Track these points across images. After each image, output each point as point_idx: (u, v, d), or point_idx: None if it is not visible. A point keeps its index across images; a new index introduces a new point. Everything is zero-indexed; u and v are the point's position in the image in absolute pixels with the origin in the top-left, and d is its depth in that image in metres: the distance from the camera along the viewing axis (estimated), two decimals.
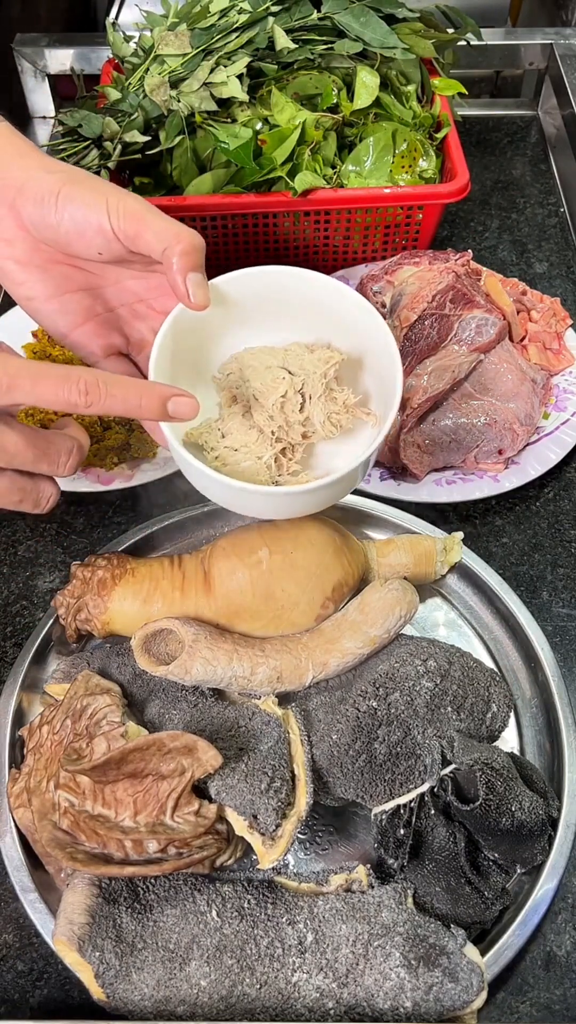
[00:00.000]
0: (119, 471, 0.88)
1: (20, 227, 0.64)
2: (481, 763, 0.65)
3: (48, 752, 0.68)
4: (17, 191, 0.63)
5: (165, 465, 0.88)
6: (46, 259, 0.66)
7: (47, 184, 0.63)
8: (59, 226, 0.63)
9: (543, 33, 1.29)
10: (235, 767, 0.64)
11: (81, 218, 0.62)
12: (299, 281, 0.70)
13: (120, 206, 0.62)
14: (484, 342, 0.88)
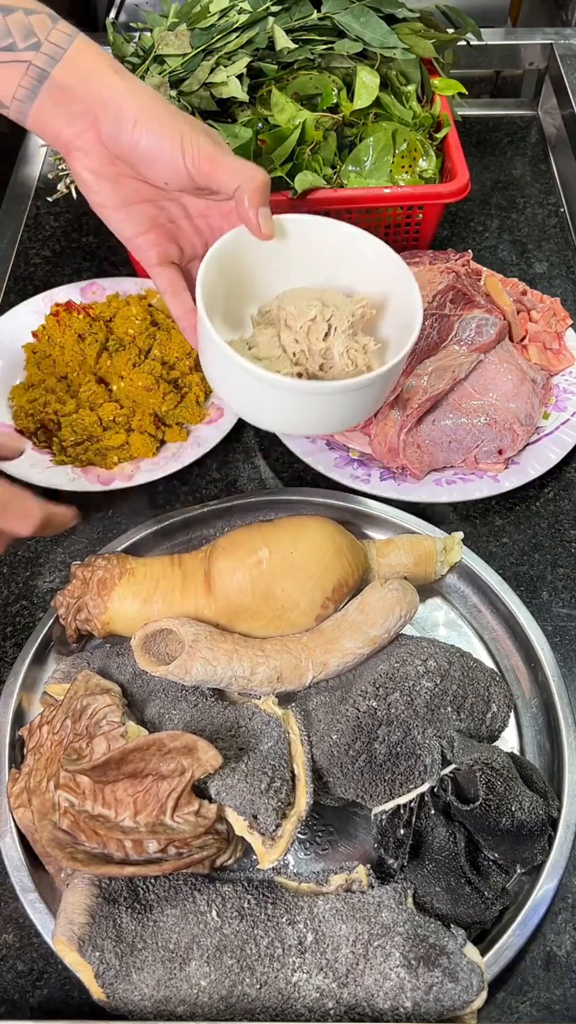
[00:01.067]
0: (119, 471, 0.88)
1: (98, 141, 0.68)
2: (481, 763, 0.65)
3: (48, 752, 0.68)
4: (101, 108, 0.67)
5: (165, 465, 0.88)
6: (118, 172, 0.70)
7: (127, 109, 0.66)
8: (132, 152, 0.68)
9: (543, 33, 1.29)
10: (235, 767, 0.64)
11: (155, 148, 0.67)
12: (334, 229, 0.75)
13: (195, 146, 0.67)
14: (484, 342, 0.88)
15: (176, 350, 0.94)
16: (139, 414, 0.90)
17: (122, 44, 1.03)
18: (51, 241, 1.13)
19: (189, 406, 0.92)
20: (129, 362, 0.93)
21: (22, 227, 1.15)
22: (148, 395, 0.90)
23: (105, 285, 1.02)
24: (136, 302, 0.98)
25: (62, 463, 0.88)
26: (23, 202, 1.18)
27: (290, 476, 0.92)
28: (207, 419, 0.92)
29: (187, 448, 0.90)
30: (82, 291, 1.01)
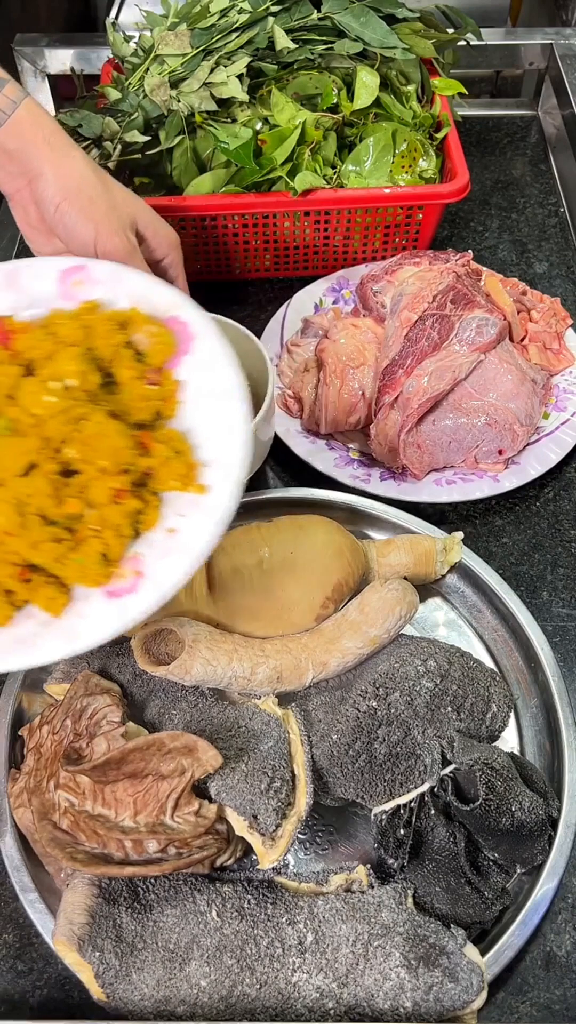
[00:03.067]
0: None
1: (32, 203, 0.72)
2: (481, 763, 0.65)
3: (48, 752, 0.68)
4: (33, 178, 0.71)
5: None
6: (49, 231, 0.74)
7: (50, 192, 0.70)
8: (55, 228, 0.72)
9: (543, 33, 1.29)
10: (235, 767, 0.64)
11: (72, 234, 0.71)
12: None
13: (107, 243, 0.70)
14: (484, 342, 0.88)
15: (107, 457, 0.56)
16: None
17: (122, 44, 1.03)
18: None
19: (84, 560, 0.55)
20: (21, 459, 0.55)
21: None
22: (8, 539, 0.54)
23: (99, 276, 0.67)
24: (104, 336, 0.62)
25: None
26: None
27: (290, 476, 0.92)
28: (111, 586, 0.56)
29: (52, 632, 0.55)
30: (61, 276, 0.67)
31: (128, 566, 0.56)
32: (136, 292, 0.64)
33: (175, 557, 0.55)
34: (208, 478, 0.57)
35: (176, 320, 0.63)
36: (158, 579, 0.55)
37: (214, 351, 0.61)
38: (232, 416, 0.59)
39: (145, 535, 0.57)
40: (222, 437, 0.58)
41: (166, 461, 0.57)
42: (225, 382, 0.60)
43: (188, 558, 0.55)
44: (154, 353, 0.61)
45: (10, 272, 0.66)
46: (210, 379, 0.61)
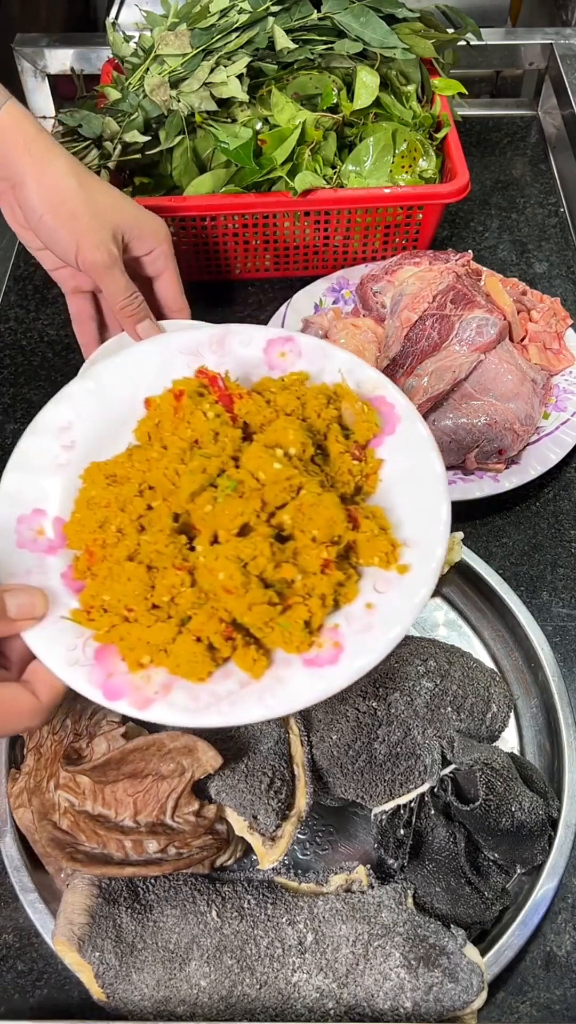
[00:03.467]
0: (140, 680, 0.66)
1: (18, 205, 0.76)
2: (481, 763, 0.65)
3: (48, 752, 0.68)
4: (16, 183, 0.72)
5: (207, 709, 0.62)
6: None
7: (33, 202, 0.73)
8: (38, 234, 0.76)
9: (543, 33, 1.29)
10: (235, 767, 0.64)
11: (54, 244, 0.75)
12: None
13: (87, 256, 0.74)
14: (485, 342, 0.88)
15: (320, 528, 0.57)
16: (207, 610, 0.55)
17: (122, 44, 1.03)
18: None
19: (290, 626, 0.55)
20: (237, 520, 0.56)
21: None
22: (227, 597, 0.55)
23: (305, 349, 0.66)
24: (316, 409, 0.63)
25: (79, 623, 0.57)
26: None
27: None
28: (311, 655, 0.56)
29: (249, 695, 0.55)
30: (268, 345, 0.66)
31: (327, 636, 0.56)
32: (343, 368, 0.65)
33: (374, 634, 0.55)
34: (408, 558, 0.58)
35: (383, 400, 0.64)
36: (356, 653, 0.55)
37: (419, 435, 0.62)
38: (434, 499, 0.60)
39: (344, 608, 0.57)
40: (423, 519, 0.59)
41: (371, 537, 0.58)
42: (428, 465, 0.61)
43: (386, 637, 0.55)
44: (360, 430, 0.62)
45: (220, 336, 0.66)
46: (412, 461, 0.62)
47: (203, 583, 0.56)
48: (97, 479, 0.60)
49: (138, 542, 0.57)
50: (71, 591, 0.57)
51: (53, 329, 1.04)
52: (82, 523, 0.59)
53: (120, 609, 0.56)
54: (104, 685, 0.54)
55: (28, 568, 0.58)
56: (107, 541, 0.57)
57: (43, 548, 0.59)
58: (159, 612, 0.56)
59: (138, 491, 0.59)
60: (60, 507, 0.60)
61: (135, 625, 0.55)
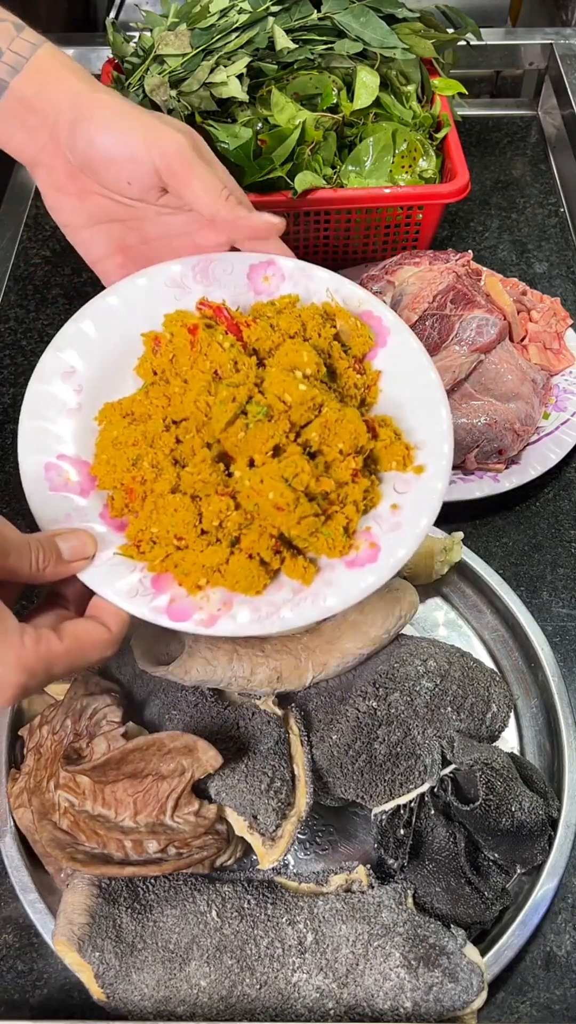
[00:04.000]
0: (201, 601, 0.69)
1: (60, 154, 0.65)
2: (481, 763, 0.65)
3: (48, 752, 0.68)
4: (56, 115, 0.63)
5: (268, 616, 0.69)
6: (83, 188, 0.66)
7: (84, 108, 0.62)
8: (89, 151, 0.63)
9: (543, 33, 1.29)
10: (235, 767, 0.64)
11: (114, 143, 0.62)
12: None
13: (162, 142, 0.61)
14: (485, 342, 0.88)
15: (346, 441, 0.61)
16: (256, 529, 0.59)
17: (122, 44, 1.03)
18: (51, 241, 1.13)
19: (332, 534, 0.60)
20: (269, 442, 0.60)
21: (22, 227, 1.15)
22: (277, 514, 0.59)
23: (287, 271, 0.68)
24: (315, 329, 0.66)
25: (130, 557, 0.60)
26: (23, 202, 1.18)
27: None
28: (350, 557, 0.60)
29: (304, 599, 0.59)
30: (251, 270, 0.68)
31: (362, 539, 0.61)
32: (331, 287, 0.68)
33: (404, 531, 0.60)
34: (420, 458, 0.63)
35: (370, 315, 0.68)
36: (392, 549, 0.60)
37: (410, 345, 0.66)
38: (433, 401, 0.64)
39: (371, 511, 0.62)
40: (426, 421, 0.64)
41: (388, 444, 0.63)
42: (423, 371, 0.65)
43: (415, 531, 0.60)
44: (356, 345, 0.66)
45: (203, 266, 0.67)
46: (407, 369, 0.66)
47: (246, 504, 0.59)
48: (115, 419, 0.62)
49: (177, 474, 0.60)
50: (112, 529, 0.60)
51: (53, 329, 1.03)
52: (112, 463, 0.61)
53: (170, 539, 0.59)
54: (168, 610, 0.57)
55: (67, 512, 0.60)
56: (145, 477, 0.60)
57: (75, 491, 0.61)
58: (208, 536, 0.59)
59: (164, 427, 0.62)
60: (79, 450, 0.62)
61: (188, 551, 0.59)
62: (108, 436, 0.62)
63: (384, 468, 0.63)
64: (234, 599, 0.59)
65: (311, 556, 0.61)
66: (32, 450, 0.61)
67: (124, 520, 0.61)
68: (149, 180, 0.63)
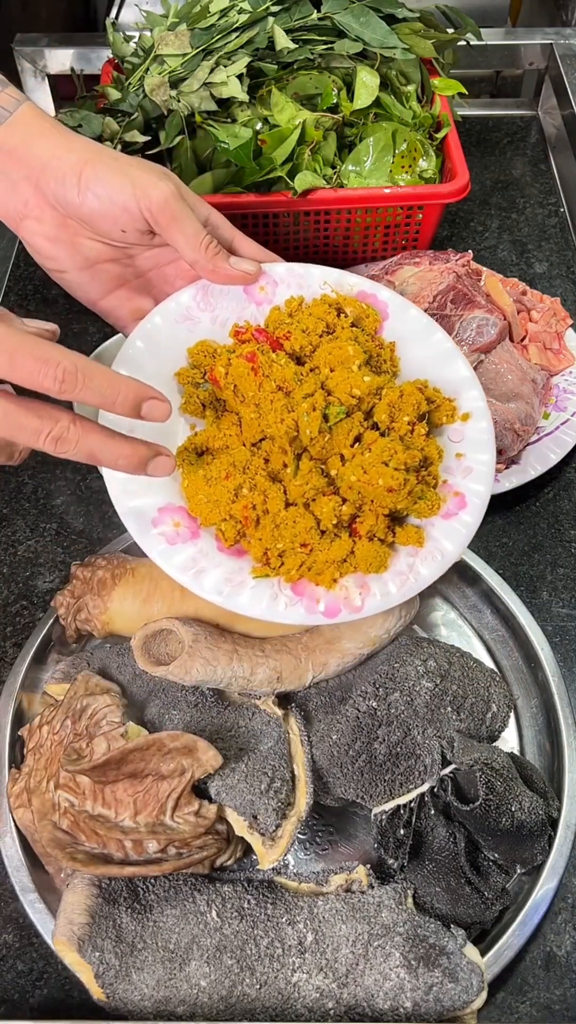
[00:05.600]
0: (342, 592, 0.68)
1: (47, 205, 0.66)
2: (481, 763, 0.65)
3: (48, 752, 0.68)
4: (41, 170, 0.64)
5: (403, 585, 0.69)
6: (74, 234, 0.67)
7: (69, 163, 0.64)
8: (82, 207, 0.65)
9: (543, 33, 1.29)
10: (235, 767, 0.64)
11: (105, 197, 0.64)
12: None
13: (149, 195, 0.64)
14: (485, 342, 0.88)
15: (411, 412, 0.67)
16: (369, 514, 0.65)
17: (122, 44, 1.03)
18: None
19: (429, 495, 0.66)
20: (351, 434, 0.65)
21: None
22: (389, 496, 0.63)
23: (279, 277, 0.72)
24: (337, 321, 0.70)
25: (266, 576, 0.64)
26: None
27: None
28: (443, 510, 0.66)
29: (425, 558, 0.64)
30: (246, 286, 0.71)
31: (445, 491, 0.67)
32: (329, 280, 0.73)
33: (475, 471, 0.67)
34: (463, 408, 0.70)
35: (365, 295, 0.73)
36: (474, 492, 0.66)
37: (412, 314, 0.72)
38: (449, 357, 0.71)
39: (441, 465, 0.68)
40: (450, 376, 0.70)
41: (439, 404, 0.69)
42: (432, 334, 0.72)
43: (484, 469, 0.67)
44: (368, 325, 0.72)
45: (201, 293, 0.70)
46: (417, 335, 0.72)
47: (351, 496, 0.64)
48: (193, 459, 0.66)
49: (283, 490, 0.64)
50: (233, 557, 0.64)
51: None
52: (212, 500, 0.64)
53: (296, 548, 0.63)
54: (322, 612, 0.63)
55: (192, 556, 0.63)
56: (254, 502, 0.63)
57: (187, 538, 0.64)
58: (328, 535, 0.64)
59: (250, 452, 0.65)
60: (169, 498, 0.65)
61: (316, 553, 0.63)
62: (195, 476, 0.65)
63: (437, 425, 0.70)
64: (368, 580, 0.64)
65: (413, 522, 0.66)
66: (136, 518, 0.63)
67: (239, 546, 0.65)
68: (142, 226, 0.66)
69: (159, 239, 0.67)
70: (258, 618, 0.62)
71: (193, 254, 0.66)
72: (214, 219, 0.69)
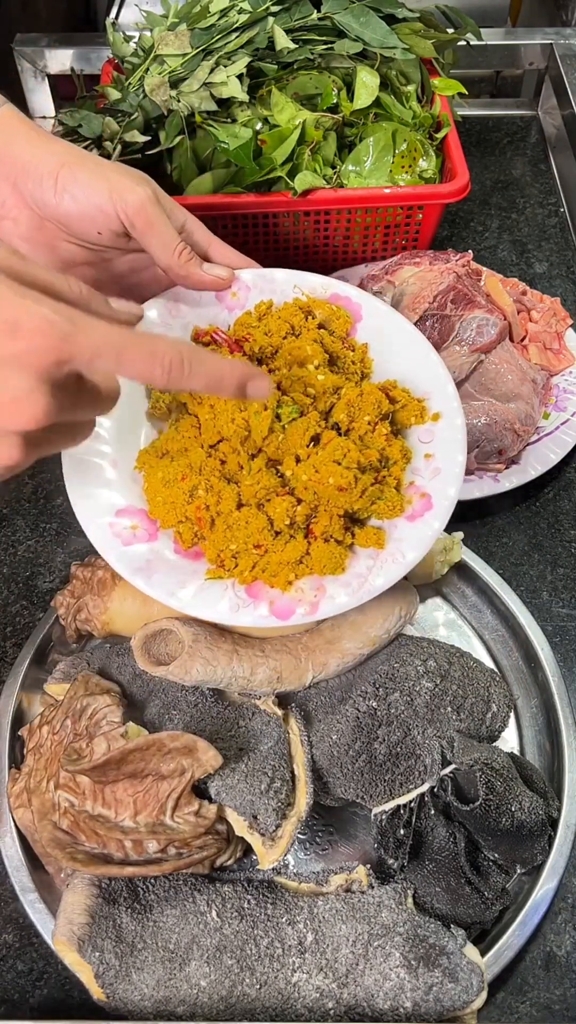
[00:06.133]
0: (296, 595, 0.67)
1: (24, 206, 0.66)
2: (481, 763, 0.65)
3: (48, 752, 0.68)
4: (19, 171, 0.65)
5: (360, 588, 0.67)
6: (51, 236, 0.68)
7: (47, 164, 0.65)
8: (59, 208, 0.65)
9: (543, 33, 1.29)
10: (235, 767, 0.64)
11: (82, 199, 0.65)
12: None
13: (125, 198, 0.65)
14: (485, 342, 0.88)
15: (371, 412, 0.66)
16: (323, 515, 0.64)
17: (122, 44, 1.03)
18: None
19: (389, 496, 0.65)
20: (306, 434, 0.64)
21: None
22: (341, 495, 0.63)
23: (249, 282, 0.73)
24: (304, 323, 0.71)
25: (219, 578, 0.63)
26: None
27: None
28: (408, 512, 0.65)
29: (384, 561, 0.63)
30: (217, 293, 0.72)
31: (412, 492, 0.65)
32: (297, 283, 0.73)
33: (444, 472, 0.65)
34: (433, 407, 0.68)
35: (337, 297, 0.73)
36: (442, 493, 0.65)
37: (382, 310, 0.72)
38: (422, 353, 0.70)
39: (408, 467, 0.67)
40: (424, 373, 0.69)
41: (404, 404, 0.68)
42: (404, 330, 0.71)
43: (454, 469, 0.65)
44: (338, 327, 0.71)
45: (170, 304, 0.71)
46: (388, 332, 0.71)
47: (306, 496, 0.63)
48: (153, 462, 0.66)
49: (236, 491, 0.63)
50: (189, 559, 0.63)
51: None
52: (168, 502, 0.64)
53: (251, 549, 0.62)
54: (273, 612, 0.61)
55: (147, 559, 0.62)
56: (207, 503, 0.63)
57: (144, 540, 0.63)
58: (283, 536, 0.63)
59: (206, 453, 0.65)
60: (130, 500, 0.65)
61: (271, 554, 0.62)
62: (154, 479, 0.65)
63: (405, 426, 0.68)
64: (324, 583, 0.62)
65: (375, 523, 0.65)
66: (92, 516, 0.63)
67: (197, 548, 0.64)
68: (118, 228, 0.66)
69: (135, 243, 0.68)
70: (211, 620, 0.62)
71: (167, 259, 0.67)
72: (190, 225, 0.69)
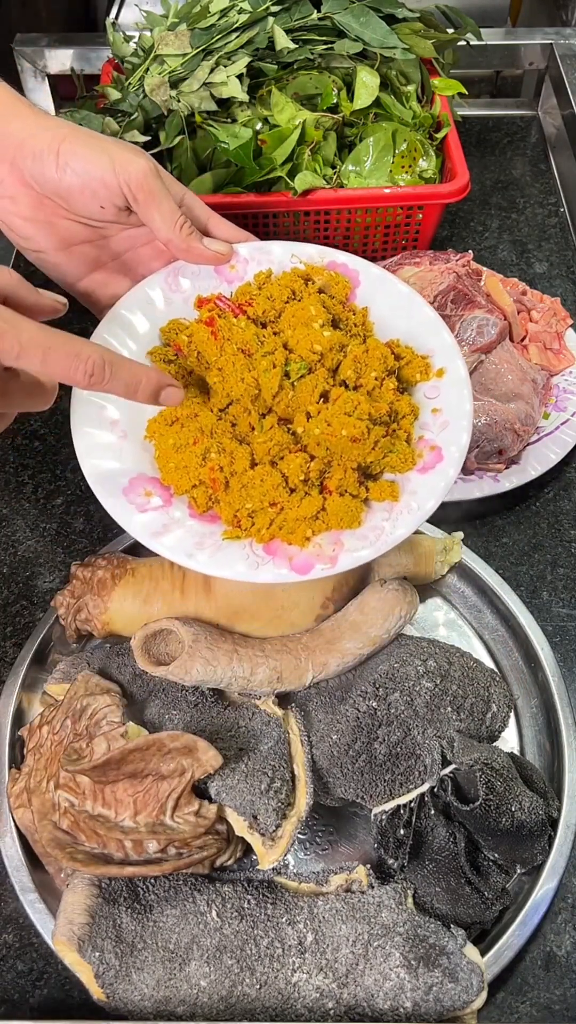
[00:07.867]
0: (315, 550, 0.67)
1: (23, 183, 0.66)
2: (481, 763, 0.65)
3: (48, 752, 0.68)
4: (16, 148, 0.64)
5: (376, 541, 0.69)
6: (51, 213, 0.67)
7: (46, 140, 0.64)
8: (60, 184, 0.65)
9: (543, 33, 1.29)
10: (235, 767, 0.64)
11: (83, 172, 0.64)
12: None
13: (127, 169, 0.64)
14: (485, 342, 0.88)
15: (377, 367, 0.67)
16: (337, 469, 0.65)
17: (122, 44, 1.03)
18: None
19: (401, 448, 0.65)
20: (315, 391, 0.65)
21: None
22: (354, 447, 0.64)
23: (246, 255, 0.73)
24: (304, 288, 0.71)
25: (237, 538, 0.63)
26: None
27: None
28: (420, 465, 0.66)
29: (400, 513, 0.63)
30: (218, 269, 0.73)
31: (422, 446, 0.66)
32: (295, 253, 0.74)
33: (453, 424, 0.66)
34: (437, 363, 0.69)
35: (335, 264, 0.74)
36: (451, 443, 0.65)
37: (380, 275, 0.73)
38: (421, 313, 0.71)
39: (417, 422, 0.68)
40: (424, 331, 0.70)
41: (409, 360, 0.69)
42: (401, 293, 0.72)
43: (463, 421, 0.66)
44: (338, 292, 0.72)
45: (170, 278, 0.72)
46: (386, 295, 0.72)
47: (319, 452, 0.64)
48: (163, 430, 0.66)
49: (249, 451, 0.64)
50: (206, 523, 0.64)
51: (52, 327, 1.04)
52: (181, 467, 0.64)
53: (266, 507, 0.63)
54: (293, 568, 0.61)
55: (164, 523, 0.62)
56: (221, 464, 0.63)
57: (159, 506, 0.63)
58: (298, 492, 0.63)
59: (217, 416, 0.66)
60: (142, 469, 0.65)
61: (287, 511, 0.63)
62: (166, 445, 0.65)
63: (411, 383, 0.69)
64: (342, 537, 0.62)
65: (388, 477, 0.65)
66: (107, 486, 0.63)
67: (212, 512, 0.64)
68: (120, 202, 0.66)
69: (135, 218, 0.67)
70: (231, 579, 0.61)
71: (168, 233, 0.67)
72: (188, 200, 0.69)
